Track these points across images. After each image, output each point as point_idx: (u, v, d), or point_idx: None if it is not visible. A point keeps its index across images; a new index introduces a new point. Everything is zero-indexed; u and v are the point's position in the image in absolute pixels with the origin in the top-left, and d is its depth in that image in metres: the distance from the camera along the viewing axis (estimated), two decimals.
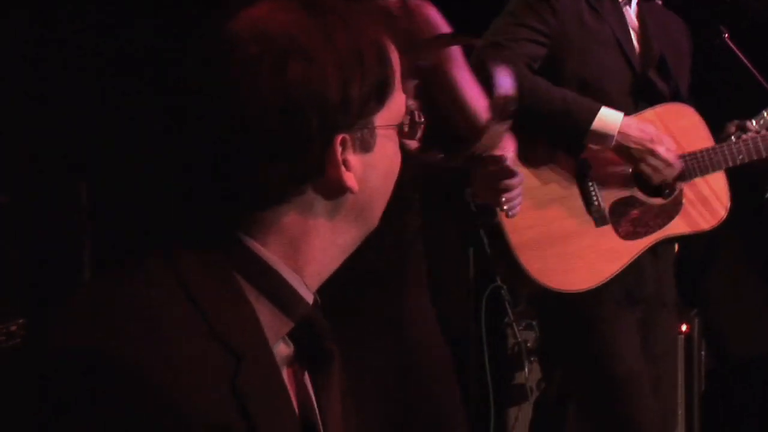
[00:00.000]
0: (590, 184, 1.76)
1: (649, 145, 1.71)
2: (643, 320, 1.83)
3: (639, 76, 1.79)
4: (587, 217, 1.77)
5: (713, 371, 2.54)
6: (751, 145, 1.79)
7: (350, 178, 0.71)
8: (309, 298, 0.73)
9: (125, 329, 0.64)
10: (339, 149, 0.69)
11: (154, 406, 0.62)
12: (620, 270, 1.77)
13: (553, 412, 2.23)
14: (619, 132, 1.69)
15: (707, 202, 1.85)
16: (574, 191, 1.77)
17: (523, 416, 2.44)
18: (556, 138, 1.75)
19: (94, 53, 2.09)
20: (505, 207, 1.46)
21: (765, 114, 1.85)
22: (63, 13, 2.08)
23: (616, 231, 1.77)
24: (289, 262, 0.71)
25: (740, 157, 1.78)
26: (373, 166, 0.74)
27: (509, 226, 1.71)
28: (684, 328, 2.50)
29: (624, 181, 1.79)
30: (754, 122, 1.83)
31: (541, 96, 1.67)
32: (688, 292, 2.46)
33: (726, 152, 1.79)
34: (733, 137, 1.81)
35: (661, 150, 1.71)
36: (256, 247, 0.70)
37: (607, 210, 1.77)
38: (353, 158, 0.71)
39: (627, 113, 1.74)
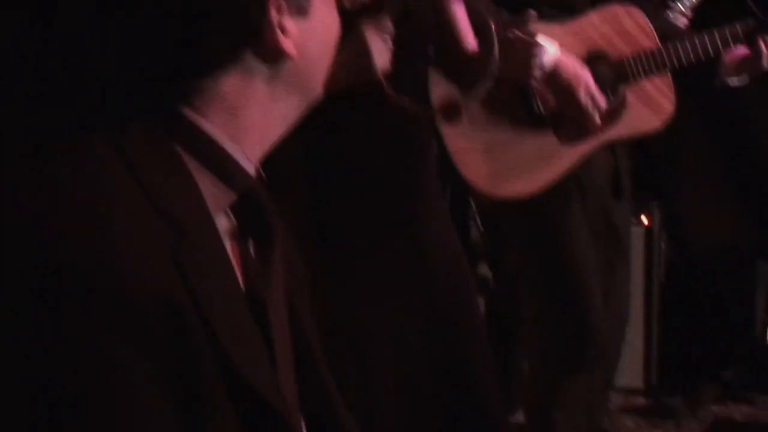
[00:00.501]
0: (530, 88, 1.75)
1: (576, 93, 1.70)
2: (595, 209, 1.88)
3: None
4: (528, 122, 1.78)
5: (673, 263, 2.60)
6: (698, 46, 1.76)
7: (288, 44, 0.74)
8: (250, 169, 0.75)
9: (65, 206, 0.66)
10: (274, 12, 0.72)
11: (94, 282, 0.64)
12: (562, 175, 1.79)
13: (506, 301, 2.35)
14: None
15: (653, 100, 1.83)
16: (515, 96, 1.77)
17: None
18: None
19: None
20: None
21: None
22: None
23: (558, 136, 1.78)
24: (229, 131, 0.73)
25: (685, 58, 1.75)
26: (310, 33, 0.77)
27: (448, 135, 1.73)
28: (645, 220, 2.55)
29: None
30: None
31: None
32: (649, 185, 2.49)
33: (672, 53, 1.76)
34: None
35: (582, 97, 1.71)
36: (196, 118, 0.72)
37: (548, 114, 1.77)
38: (290, 24, 0.74)
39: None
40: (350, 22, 1.33)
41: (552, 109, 1.76)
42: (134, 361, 0.66)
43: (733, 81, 1.91)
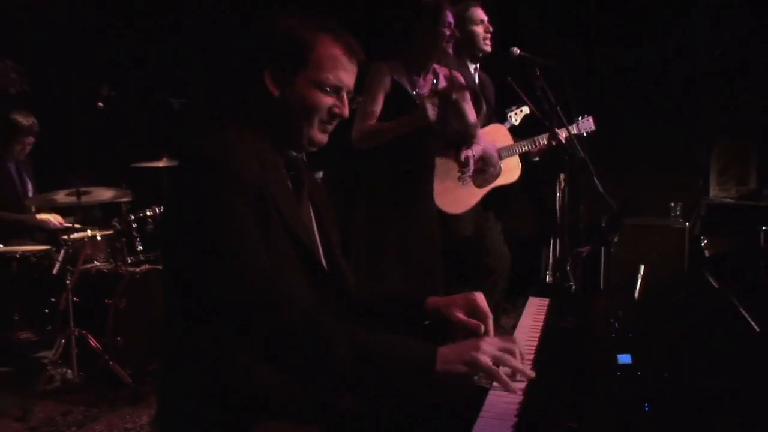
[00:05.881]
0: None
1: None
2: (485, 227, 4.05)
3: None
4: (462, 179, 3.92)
5: None
6: (528, 144, 4.02)
7: (273, 84, 1.57)
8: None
9: (221, 150, 1.47)
10: (267, 73, 1.57)
11: (227, 173, 1.43)
12: (476, 203, 3.93)
13: None
14: None
15: (512, 170, 4.05)
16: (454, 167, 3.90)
17: None
18: None
19: None
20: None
21: (510, 115, 4.10)
22: None
23: (474, 184, 3.93)
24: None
25: (523, 149, 4.00)
26: (289, 89, 1.57)
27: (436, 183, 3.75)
28: None
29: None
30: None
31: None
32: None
33: (516, 147, 4.00)
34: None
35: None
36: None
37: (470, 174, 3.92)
38: (280, 77, 1.57)
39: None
40: (422, 99, 3.32)
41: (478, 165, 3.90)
42: (243, 208, 1.43)
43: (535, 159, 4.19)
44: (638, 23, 5.06)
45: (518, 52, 3.37)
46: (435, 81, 3.43)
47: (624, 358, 1.44)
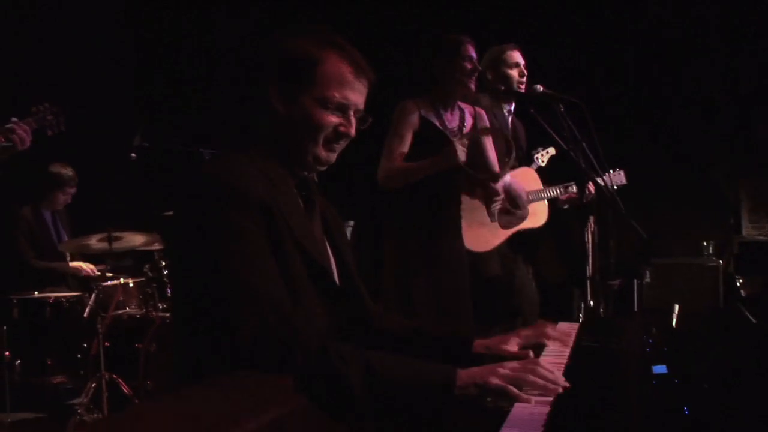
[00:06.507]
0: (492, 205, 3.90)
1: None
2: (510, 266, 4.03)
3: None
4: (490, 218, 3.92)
5: None
6: (557, 189, 4.02)
7: (278, 102, 1.54)
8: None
9: (225, 169, 1.45)
10: (279, 85, 1.54)
11: (231, 190, 1.40)
12: (500, 243, 3.93)
13: None
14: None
15: (539, 213, 4.06)
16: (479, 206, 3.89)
17: None
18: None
19: None
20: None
21: (536, 156, 4.09)
22: None
23: (500, 225, 3.93)
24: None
25: (552, 194, 4.01)
26: (294, 106, 1.53)
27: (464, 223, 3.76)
28: None
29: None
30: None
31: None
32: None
33: (545, 192, 4.01)
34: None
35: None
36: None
37: (495, 216, 3.92)
38: (285, 94, 1.53)
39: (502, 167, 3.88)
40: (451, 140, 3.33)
41: (501, 208, 3.91)
42: (250, 228, 1.39)
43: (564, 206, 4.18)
44: (667, 60, 5.10)
45: (541, 89, 3.40)
46: (461, 119, 3.47)
47: (659, 369, 1.42)
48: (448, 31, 3.44)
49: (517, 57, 3.88)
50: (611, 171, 4.07)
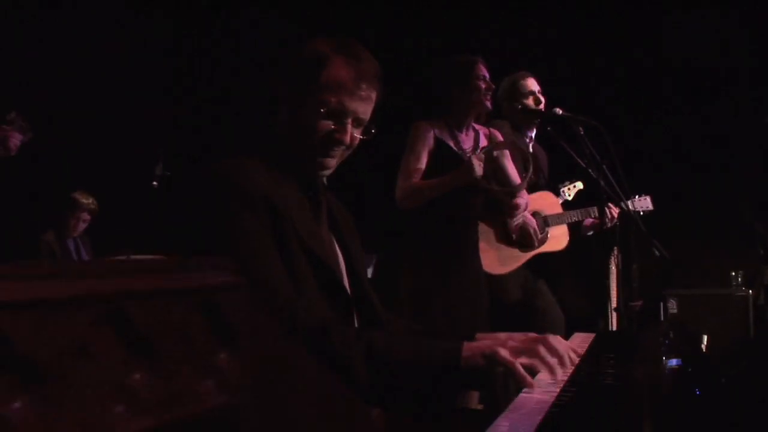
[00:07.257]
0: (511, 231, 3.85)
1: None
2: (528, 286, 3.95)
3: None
4: (507, 239, 3.86)
5: None
6: (578, 214, 3.96)
7: (287, 102, 1.55)
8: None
9: (231, 169, 1.45)
10: (289, 86, 1.55)
11: (238, 187, 1.40)
12: (518, 266, 3.85)
13: None
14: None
15: (559, 237, 3.99)
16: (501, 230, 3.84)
17: None
18: None
19: None
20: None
21: (563, 190, 4.03)
22: None
23: (519, 248, 3.86)
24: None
25: (573, 218, 3.94)
26: (300, 108, 1.52)
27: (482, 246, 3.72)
28: None
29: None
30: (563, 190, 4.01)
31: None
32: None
33: (567, 216, 3.94)
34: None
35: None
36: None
37: (515, 238, 3.85)
38: (294, 95, 1.53)
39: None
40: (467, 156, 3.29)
41: (517, 236, 3.85)
42: (256, 226, 1.39)
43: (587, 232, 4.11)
44: (698, 89, 5.05)
45: (560, 111, 3.37)
46: (476, 140, 3.44)
47: (673, 362, 1.34)
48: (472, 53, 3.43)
49: (532, 84, 3.83)
50: (637, 196, 4.01)
